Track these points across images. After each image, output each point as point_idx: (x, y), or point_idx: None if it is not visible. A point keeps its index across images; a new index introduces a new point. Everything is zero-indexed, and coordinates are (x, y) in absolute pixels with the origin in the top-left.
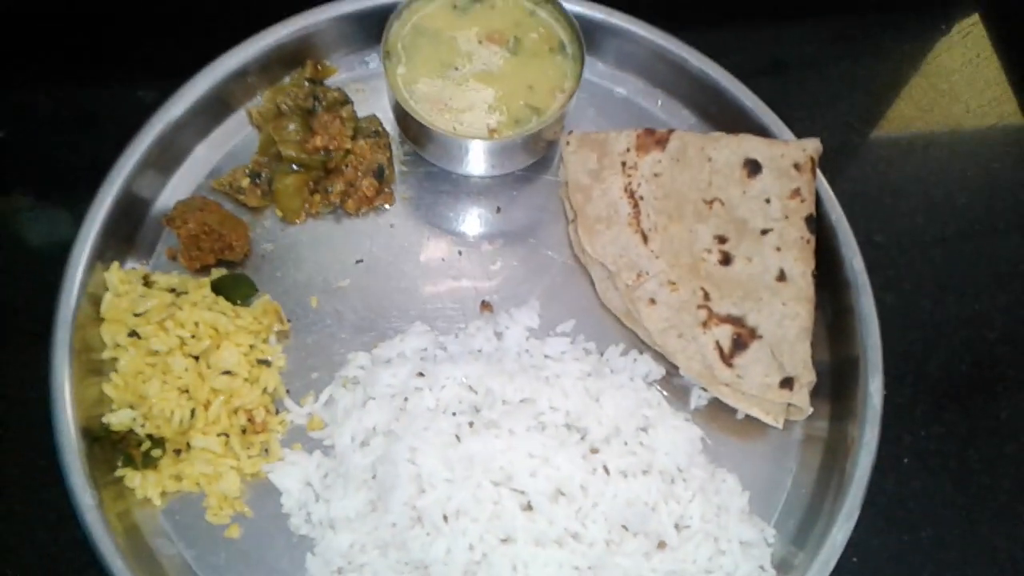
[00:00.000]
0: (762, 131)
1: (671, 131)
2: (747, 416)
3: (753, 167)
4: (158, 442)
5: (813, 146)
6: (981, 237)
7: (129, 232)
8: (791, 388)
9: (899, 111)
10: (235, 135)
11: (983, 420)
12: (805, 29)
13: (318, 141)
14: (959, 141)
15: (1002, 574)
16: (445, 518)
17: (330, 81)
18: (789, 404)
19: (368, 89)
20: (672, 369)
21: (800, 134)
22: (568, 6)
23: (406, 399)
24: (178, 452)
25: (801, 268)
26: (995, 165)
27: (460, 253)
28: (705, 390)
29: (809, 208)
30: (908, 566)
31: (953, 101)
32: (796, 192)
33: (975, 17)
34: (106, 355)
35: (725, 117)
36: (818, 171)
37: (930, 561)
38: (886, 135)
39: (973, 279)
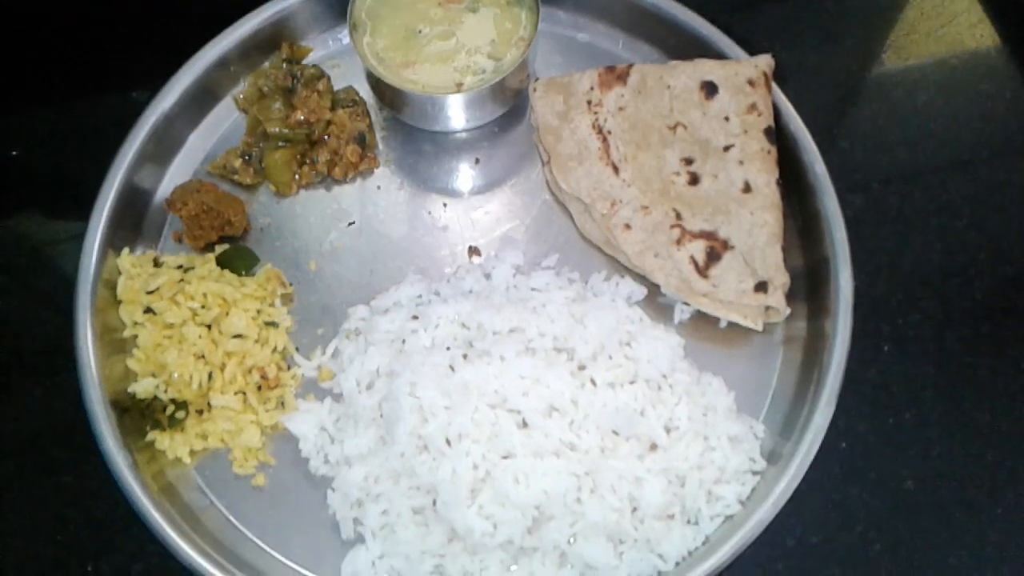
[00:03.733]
0: (719, 56)
1: (630, 65)
2: (730, 324)
3: (710, 88)
4: (181, 405)
5: (765, 61)
6: (944, 133)
7: (135, 220)
8: (765, 291)
9: (859, 28)
10: (224, 121)
11: (958, 303)
12: None
13: (299, 115)
14: (926, 58)
15: (987, 444)
16: (448, 442)
17: (307, 60)
18: (767, 307)
19: (344, 64)
20: (654, 288)
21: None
22: None
23: (404, 341)
24: (200, 412)
25: (765, 178)
26: (952, 80)
27: (445, 205)
28: (687, 304)
29: (767, 121)
30: (895, 447)
31: (920, 18)
32: (752, 107)
33: None
34: (126, 333)
35: (685, 48)
36: (774, 85)
37: (915, 440)
38: (843, 50)
39: (939, 172)
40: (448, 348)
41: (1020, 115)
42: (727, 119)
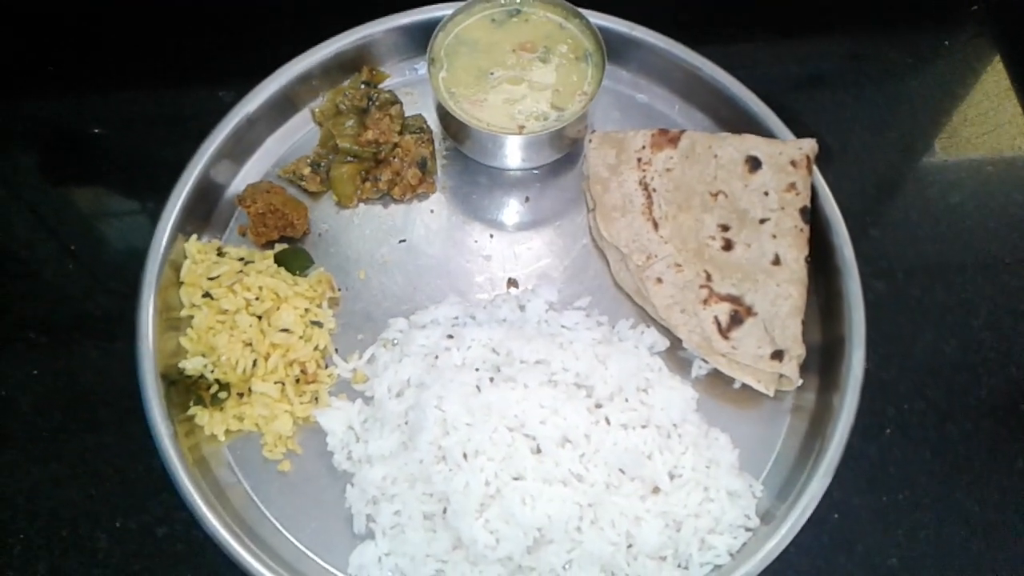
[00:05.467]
0: (766, 133)
1: (682, 131)
2: (743, 386)
3: (754, 163)
4: (225, 386)
5: (809, 145)
6: (972, 234)
7: (206, 211)
8: (781, 360)
9: (904, 122)
10: (300, 130)
11: (963, 397)
12: (820, 45)
13: (370, 135)
14: (964, 160)
15: (973, 534)
16: (465, 456)
17: (384, 85)
18: (780, 375)
19: (416, 92)
20: (676, 342)
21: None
22: (595, 20)
23: (436, 357)
24: (241, 396)
25: (795, 254)
26: (987, 186)
27: (491, 236)
28: (705, 361)
29: (804, 201)
30: (885, 524)
31: (962, 122)
32: (792, 186)
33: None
34: (183, 313)
35: (736, 121)
36: (815, 168)
37: (905, 520)
38: (886, 141)
39: (962, 270)
40: (477, 369)
41: None
42: (766, 194)
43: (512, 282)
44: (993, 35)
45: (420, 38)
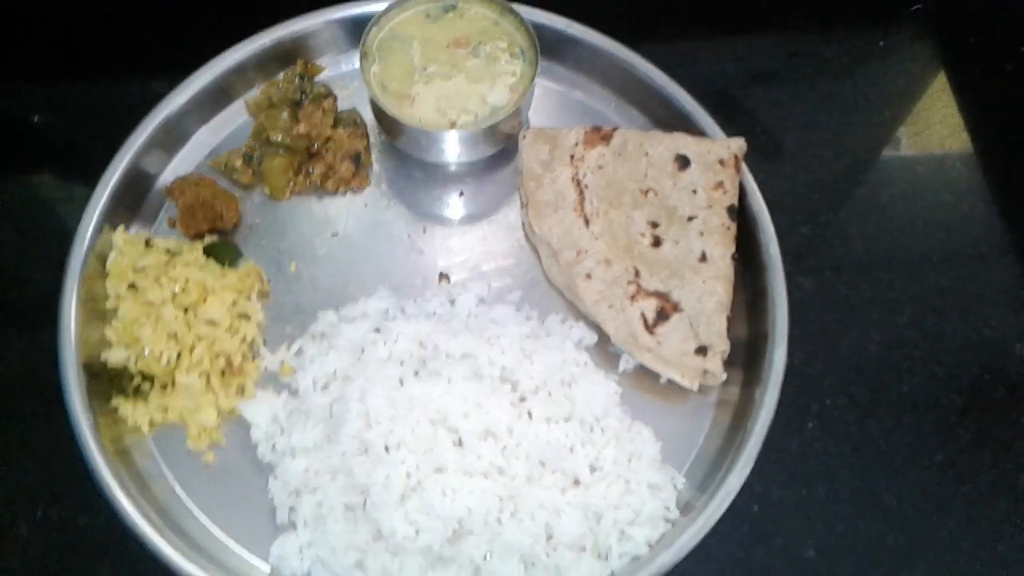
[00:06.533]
0: (699, 132)
1: (615, 129)
2: (668, 381)
3: (683, 161)
4: (148, 378)
5: (737, 144)
6: (900, 233)
7: (135, 201)
8: (705, 355)
9: (838, 122)
10: (233, 121)
11: (885, 394)
12: (758, 43)
13: (302, 128)
14: (895, 158)
15: (890, 528)
16: (387, 449)
17: (320, 78)
18: (705, 371)
19: (351, 87)
20: (604, 337)
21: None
22: (531, 17)
23: (363, 350)
24: (164, 387)
25: (721, 251)
26: (917, 185)
27: (424, 231)
28: (632, 356)
29: (731, 199)
30: (804, 516)
31: (896, 121)
32: (720, 184)
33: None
34: (109, 304)
35: (669, 119)
36: (744, 167)
37: (824, 513)
38: (819, 139)
39: (889, 268)
40: (402, 363)
41: (972, 226)
42: (695, 192)
43: (444, 276)
44: (931, 35)
45: (356, 32)
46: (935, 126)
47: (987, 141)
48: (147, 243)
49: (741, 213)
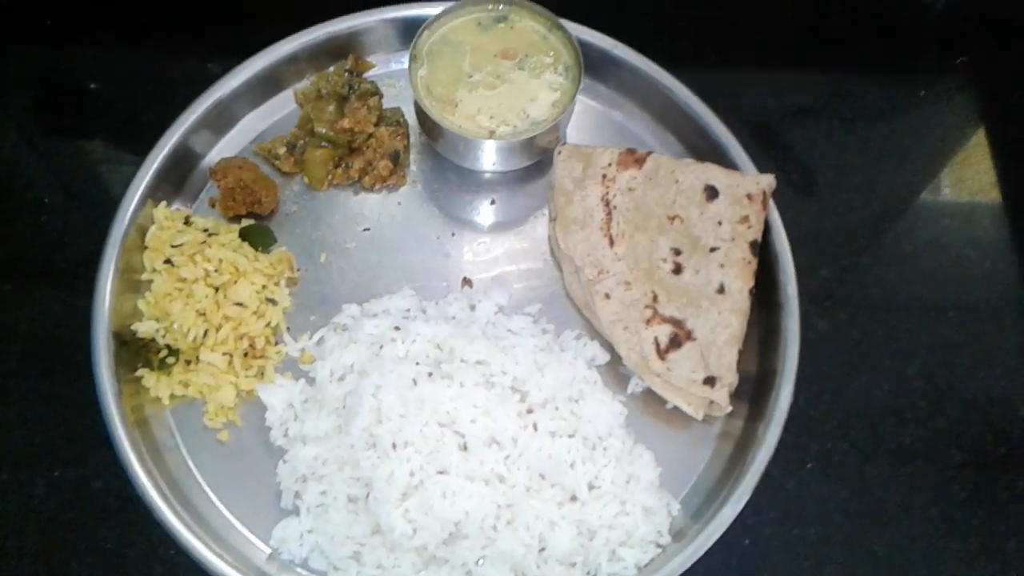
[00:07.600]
0: (731, 165)
1: (649, 153)
2: (675, 408)
3: (712, 192)
4: (174, 352)
5: (767, 181)
6: (920, 283)
7: (179, 178)
8: (713, 386)
9: (868, 166)
10: (281, 109)
11: (886, 442)
12: (801, 81)
13: (345, 123)
14: (924, 209)
15: (876, 573)
16: (394, 446)
17: (369, 74)
18: (711, 401)
19: (398, 87)
20: (617, 358)
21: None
22: (580, 35)
23: (381, 346)
24: (188, 363)
25: (739, 285)
26: (943, 237)
27: (453, 234)
28: (641, 379)
29: (755, 234)
30: (793, 556)
31: (929, 172)
32: (745, 219)
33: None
34: (144, 277)
35: (704, 148)
36: (772, 204)
37: (814, 554)
38: (851, 182)
39: (904, 318)
40: (417, 363)
41: (993, 283)
42: (720, 223)
43: (467, 281)
44: (974, 89)
45: (408, 33)
46: (967, 180)
47: (1018, 200)
48: (186, 221)
49: (764, 249)
